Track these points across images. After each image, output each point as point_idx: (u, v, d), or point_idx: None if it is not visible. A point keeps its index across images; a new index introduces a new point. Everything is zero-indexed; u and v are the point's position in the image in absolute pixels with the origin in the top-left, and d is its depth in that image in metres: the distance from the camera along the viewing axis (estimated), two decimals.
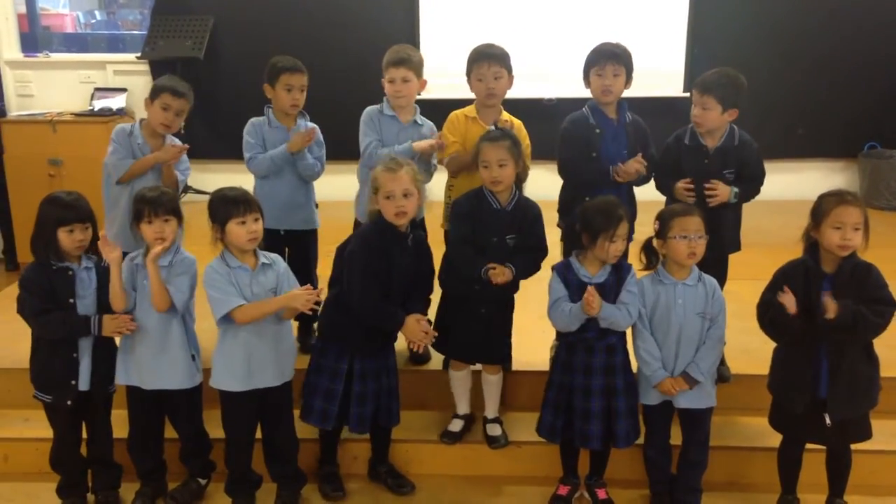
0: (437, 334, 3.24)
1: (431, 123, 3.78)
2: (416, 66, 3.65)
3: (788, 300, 2.89)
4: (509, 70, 3.61)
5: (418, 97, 3.76)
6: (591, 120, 3.54)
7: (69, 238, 3.06)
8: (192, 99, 3.71)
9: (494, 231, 3.28)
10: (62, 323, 3.08)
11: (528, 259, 3.30)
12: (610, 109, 3.54)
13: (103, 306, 3.13)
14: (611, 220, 3.02)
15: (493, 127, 3.43)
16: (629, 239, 3.13)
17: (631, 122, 3.58)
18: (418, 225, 3.52)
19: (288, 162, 3.74)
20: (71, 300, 3.09)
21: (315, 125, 3.82)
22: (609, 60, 3.47)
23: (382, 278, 3.14)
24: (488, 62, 3.57)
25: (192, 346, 3.22)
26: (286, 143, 3.71)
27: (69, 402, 3.15)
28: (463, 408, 3.58)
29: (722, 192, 3.42)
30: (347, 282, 3.15)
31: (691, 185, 3.43)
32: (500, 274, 3.19)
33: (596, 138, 3.51)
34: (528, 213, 3.33)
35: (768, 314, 2.99)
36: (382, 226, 3.16)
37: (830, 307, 2.81)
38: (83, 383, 3.15)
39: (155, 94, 3.65)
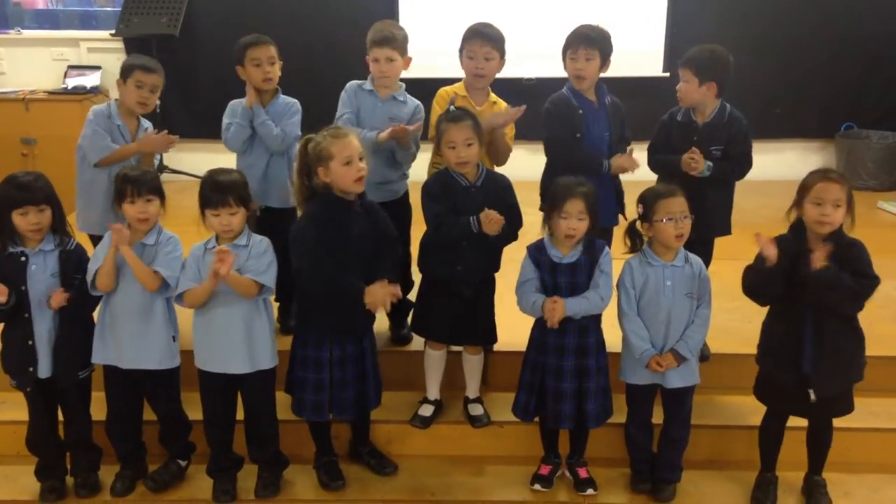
0: (399, 296, 3.11)
1: (418, 103, 3.70)
2: (401, 45, 3.59)
3: (770, 250, 2.88)
4: (502, 53, 3.57)
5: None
6: (574, 101, 3.53)
7: (23, 220, 2.99)
8: (164, 74, 3.64)
9: (468, 209, 3.23)
10: None
11: (510, 231, 3.26)
12: (588, 92, 3.54)
13: (67, 289, 3.06)
14: (560, 197, 3.05)
15: (451, 107, 3.34)
16: (596, 224, 3.11)
17: (611, 104, 3.58)
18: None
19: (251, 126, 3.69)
20: (22, 287, 3.02)
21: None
22: (582, 44, 3.45)
23: (338, 253, 3.05)
24: (481, 41, 3.53)
25: (172, 326, 3.19)
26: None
27: (28, 389, 3.12)
28: (433, 392, 3.56)
29: (699, 164, 3.41)
30: (297, 263, 3.08)
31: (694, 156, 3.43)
32: (492, 220, 3.12)
33: (579, 119, 3.51)
34: (499, 186, 3.31)
35: (750, 272, 2.99)
36: (327, 198, 3.08)
37: (819, 259, 2.82)
38: (42, 371, 3.09)
39: (126, 73, 3.57)
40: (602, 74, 3.57)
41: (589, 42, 3.45)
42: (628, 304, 3.12)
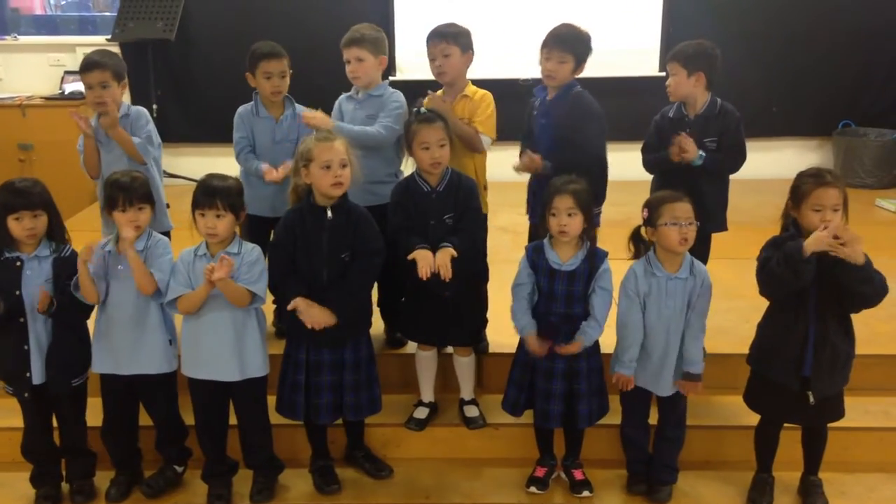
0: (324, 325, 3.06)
1: (397, 93, 3.67)
2: (371, 44, 3.58)
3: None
4: (463, 47, 3.55)
5: (394, 78, 3.72)
6: (536, 95, 3.58)
7: (18, 226, 3.00)
8: (111, 63, 3.56)
9: (430, 214, 3.24)
10: None
11: (465, 237, 3.23)
12: (552, 89, 3.53)
13: (60, 295, 3.06)
14: (549, 195, 3.05)
15: (421, 109, 3.32)
16: (590, 222, 3.10)
17: (568, 102, 3.48)
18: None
19: (275, 158, 3.68)
20: (17, 292, 3.02)
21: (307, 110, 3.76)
22: (556, 46, 3.45)
23: (304, 263, 3.07)
24: (434, 41, 3.54)
25: (168, 330, 3.19)
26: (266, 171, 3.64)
27: (26, 395, 3.12)
28: (427, 395, 3.56)
29: (691, 149, 3.40)
30: (269, 269, 3.12)
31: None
32: (422, 263, 3.11)
33: (531, 113, 3.57)
34: (463, 191, 3.28)
35: (768, 265, 2.92)
36: (304, 206, 3.10)
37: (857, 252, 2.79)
38: (37, 377, 3.09)
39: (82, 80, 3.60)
40: (600, 74, 3.56)
41: (563, 45, 3.43)
42: (629, 310, 3.07)
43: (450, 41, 3.53)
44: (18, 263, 3.04)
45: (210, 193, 3.00)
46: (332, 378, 3.17)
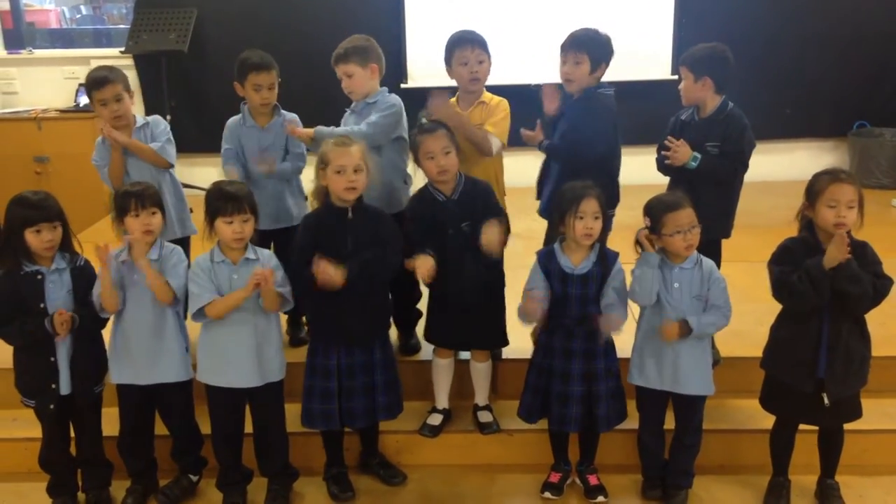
0: (337, 282, 3.00)
1: (393, 99, 3.62)
2: (357, 56, 3.57)
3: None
4: (489, 56, 3.57)
5: (406, 86, 3.72)
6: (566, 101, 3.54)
7: (37, 238, 3.01)
8: (121, 76, 3.60)
9: (448, 223, 3.25)
10: (20, 333, 3.04)
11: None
12: (576, 94, 3.51)
13: (81, 306, 3.08)
14: (574, 198, 3.03)
15: (423, 120, 3.36)
16: (606, 225, 3.11)
17: (590, 98, 3.47)
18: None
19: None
20: (42, 304, 3.03)
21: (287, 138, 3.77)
22: (570, 49, 3.44)
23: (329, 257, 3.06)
24: (472, 46, 3.53)
25: (185, 338, 3.19)
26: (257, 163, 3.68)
27: (52, 407, 3.13)
28: (442, 401, 3.56)
29: (682, 153, 3.39)
30: (294, 269, 3.12)
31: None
32: (419, 266, 3.13)
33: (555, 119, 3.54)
34: (479, 194, 3.30)
35: (788, 281, 2.91)
36: (324, 207, 3.14)
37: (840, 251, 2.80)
38: (64, 387, 3.10)
39: (89, 96, 3.61)
40: (611, 78, 3.54)
41: (577, 46, 3.43)
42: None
43: (484, 48, 3.55)
44: (39, 277, 3.05)
45: (237, 199, 3.02)
46: (365, 380, 3.19)
